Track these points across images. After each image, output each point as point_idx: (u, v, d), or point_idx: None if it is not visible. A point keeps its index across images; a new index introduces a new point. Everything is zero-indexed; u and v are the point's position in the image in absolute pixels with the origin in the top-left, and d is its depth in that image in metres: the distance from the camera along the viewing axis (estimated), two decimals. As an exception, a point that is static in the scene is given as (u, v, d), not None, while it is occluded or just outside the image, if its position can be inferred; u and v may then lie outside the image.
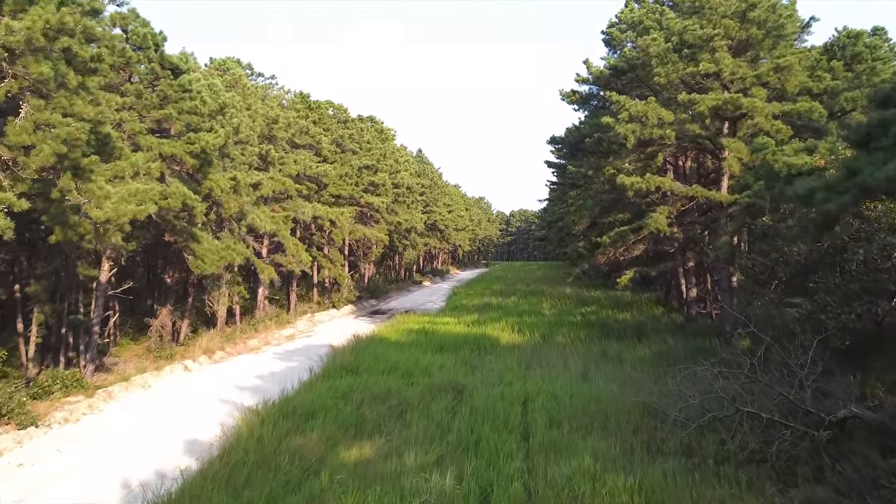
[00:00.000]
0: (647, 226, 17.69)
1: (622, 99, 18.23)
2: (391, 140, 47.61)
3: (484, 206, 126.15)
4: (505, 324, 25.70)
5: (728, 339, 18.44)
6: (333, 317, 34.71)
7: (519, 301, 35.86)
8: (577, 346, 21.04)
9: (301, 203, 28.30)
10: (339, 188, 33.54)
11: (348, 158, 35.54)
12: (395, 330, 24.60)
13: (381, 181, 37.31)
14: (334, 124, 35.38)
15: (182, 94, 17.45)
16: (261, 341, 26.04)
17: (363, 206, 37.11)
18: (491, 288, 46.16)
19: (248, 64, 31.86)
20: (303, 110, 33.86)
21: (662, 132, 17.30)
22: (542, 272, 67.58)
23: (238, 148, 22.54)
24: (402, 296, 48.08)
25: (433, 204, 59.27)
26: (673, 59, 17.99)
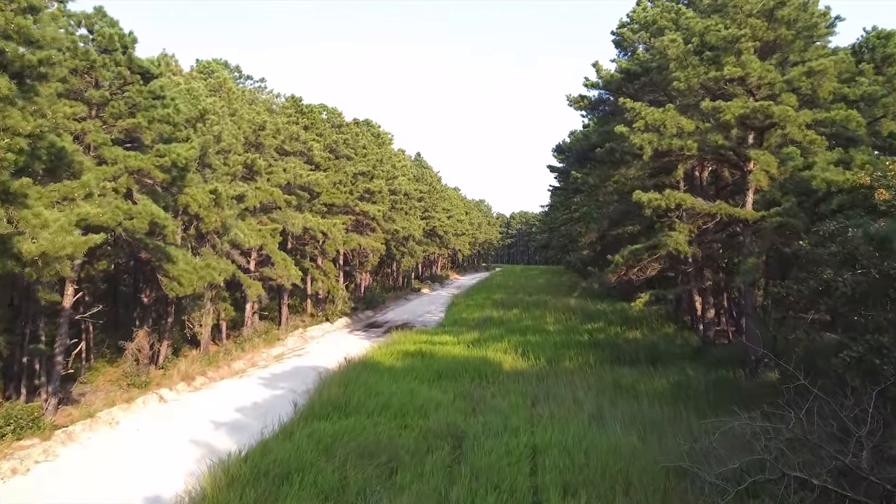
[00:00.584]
0: (665, 245, 16.04)
1: (637, 106, 16.58)
2: (388, 144, 45.97)
3: (484, 208, 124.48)
4: (507, 344, 24.04)
5: (753, 369, 16.82)
6: (326, 331, 33.06)
7: (521, 314, 34.20)
8: (586, 374, 19.39)
9: (291, 214, 26.65)
10: (332, 197, 31.90)
11: (342, 165, 33.90)
12: (389, 352, 22.94)
13: (377, 188, 35.66)
14: (328, 129, 33.73)
15: (153, 102, 15.80)
16: (247, 363, 24.38)
17: (358, 214, 35.45)
18: (492, 298, 44.50)
19: (235, 66, 30.26)
20: (294, 115, 32.22)
21: (682, 143, 15.65)
22: (544, 279, 65.92)
23: (220, 157, 20.89)
24: (400, 305, 46.42)
25: (432, 209, 57.61)
26: (693, 62, 16.35)
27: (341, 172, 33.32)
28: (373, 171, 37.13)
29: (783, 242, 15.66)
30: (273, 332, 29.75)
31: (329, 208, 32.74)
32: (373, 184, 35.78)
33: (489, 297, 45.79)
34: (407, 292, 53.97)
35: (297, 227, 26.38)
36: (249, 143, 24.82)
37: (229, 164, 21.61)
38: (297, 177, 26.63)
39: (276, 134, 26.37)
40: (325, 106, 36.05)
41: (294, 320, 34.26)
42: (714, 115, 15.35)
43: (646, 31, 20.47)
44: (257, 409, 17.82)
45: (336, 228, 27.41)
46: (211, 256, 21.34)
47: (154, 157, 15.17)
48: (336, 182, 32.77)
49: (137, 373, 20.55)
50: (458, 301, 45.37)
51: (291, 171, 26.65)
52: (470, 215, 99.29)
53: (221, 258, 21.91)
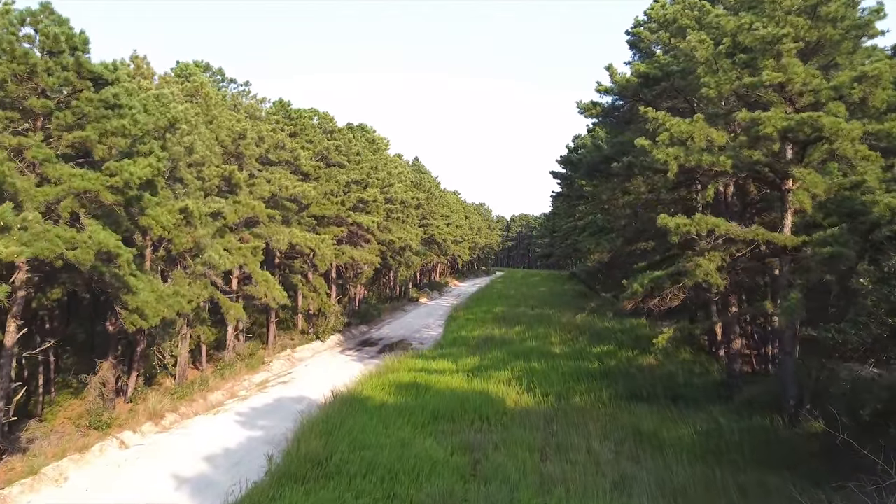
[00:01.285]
0: (693, 276, 13.97)
1: (661, 116, 14.52)
2: (384, 150, 43.89)
3: (484, 212, 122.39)
4: (511, 373, 21.97)
5: (793, 416, 14.74)
6: (317, 351, 30.98)
7: (524, 332, 32.11)
8: (600, 414, 17.32)
9: (276, 229, 24.58)
10: (322, 208, 29.83)
11: (334, 174, 31.83)
12: (380, 384, 20.87)
13: (372, 197, 33.60)
14: (318, 135, 31.66)
15: (105, 112, 13.73)
16: (226, 393, 22.30)
17: (351, 225, 33.38)
18: (492, 312, 42.41)
19: (218, 69, 28.22)
20: (282, 121, 30.15)
21: (713, 159, 13.58)
22: (546, 287, 63.82)
23: (193, 171, 18.83)
24: (397, 318, 44.34)
25: (430, 216, 55.52)
26: (725, 65, 14.29)
27: (332, 182, 31.26)
28: (367, 180, 35.07)
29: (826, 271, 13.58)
30: (259, 353, 27.67)
31: (319, 220, 30.68)
32: (366, 193, 33.71)
33: (490, 310, 43.71)
34: (404, 303, 51.90)
35: (282, 244, 24.32)
36: (229, 154, 22.76)
37: (204, 178, 19.54)
38: (283, 188, 24.57)
39: (260, 142, 24.32)
40: (315, 111, 34.01)
41: (283, 338, 32.20)
42: (751, 128, 13.27)
43: (665, 30, 18.44)
44: (229, 457, 15.75)
45: (325, 244, 25.34)
46: (182, 280, 19.27)
47: (104, 177, 13.10)
48: (327, 192, 30.71)
49: (100, 410, 18.47)
50: (457, 314, 43.28)
51: (276, 182, 24.60)
52: (470, 220, 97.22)
53: (196, 281, 19.84)
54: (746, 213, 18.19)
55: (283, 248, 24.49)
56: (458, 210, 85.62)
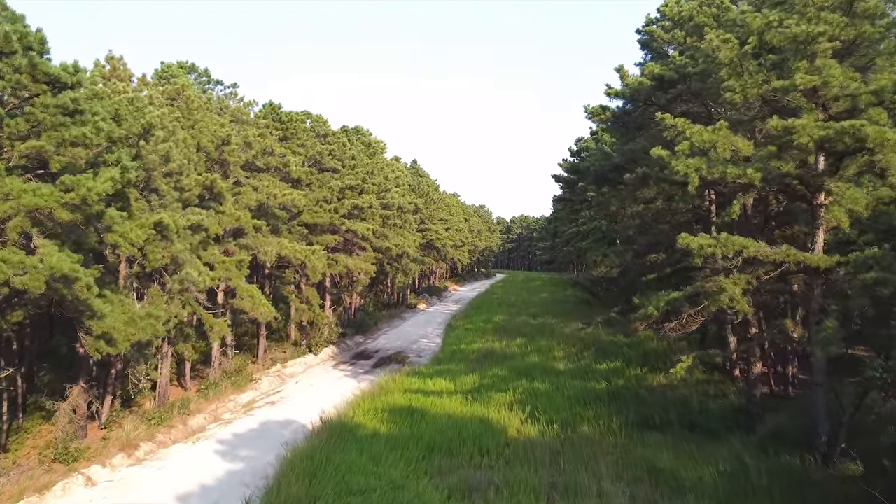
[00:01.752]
0: (716, 301, 12.57)
1: (680, 123, 13.12)
2: (381, 153, 42.48)
3: (484, 214, 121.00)
4: (512, 395, 20.59)
5: (826, 457, 13.34)
6: (309, 366, 29.58)
7: (526, 346, 30.71)
8: (610, 445, 15.94)
9: (263, 240, 23.18)
10: (314, 216, 28.43)
11: (327, 180, 30.44)
12: (373, 408, 19.48)
13: (367, 204, 32.19)
14: (310, 139, 30.26)
15: (63, 119, 12.33)
16: (209, 416, 20.89)
17: (345, 233, 31.99)
18: (493, 321, 41.00)
19: (204, 70, 26.81)
20: (272, 124, 28.75)
21: (740, 171, 12.18)
22: (547, 292, 62.39)
23: (169, 180, 17.43)
24: (394, 327, 42.92)
25: (429, 221, 54.11)
26: (751, 67, 12.88)
27: (326, 188, 29.86)
28: (362, 185, 33.65)
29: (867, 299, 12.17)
30: (247, 370, 26.26)
31: (312, 229, 29.29)
32: (361, 199, 32.30)
33: (490, 319, 42.29)
34: (402, 310, 50.47)
35: (270, 256, 22.92)
36: (212, 161, 21.36)
37: (182, 188, 18.15)
38: (272, 197, 23.18)
39: (246, 148, 22.91)
40: (308, 113, 32.61)
41: (274, 351, 30.81)
42: (782, 137, 11.87)
43: (680, 28, 17.05)
44: (205, 497, 14.36)
45: (316, 256, 23.93)
46: (159, 298, 17.87)
47: (58, 192, 11.69)
48: (319, 199, 29.30)
49: (69, 440, 17.07)
50: (456, 324, 41.84)
51: (264, 190, 23.20)
52: (469, 222, 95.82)
53: (174, 299, 18.44)
54: (767, 226, 16.78)
55: (272, 260, 23.10)
56: (458, 213, 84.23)
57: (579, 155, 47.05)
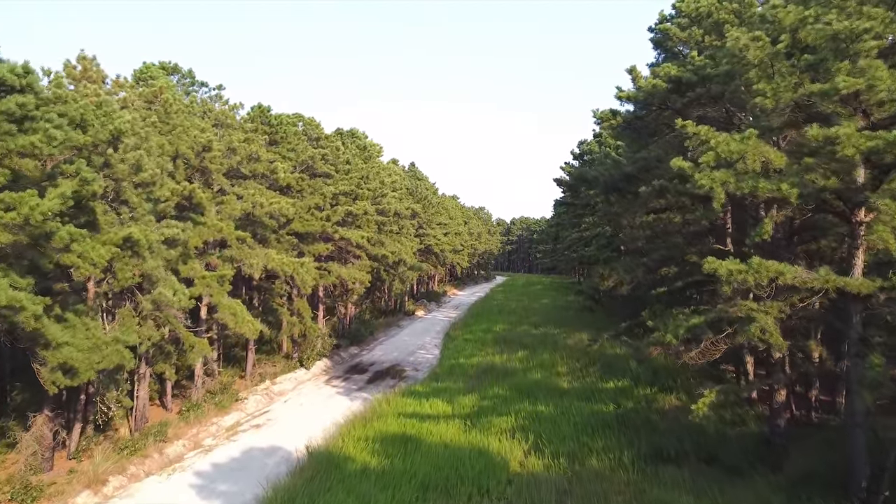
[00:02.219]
0: (748, 332, 11.14)
1: (703, 131, 11.71)
2: (377, 157, 41.02)
3: (484, 216, 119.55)
4: (514, 421, 19.15)
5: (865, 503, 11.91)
6: (300, 381, 28.14)
7: (528, 360, 29.27)
8: (621, 483, 14.52)
9: (249, 251, 21.75)
10: (305, 224, 26.99)
11: (319, 186, 29.00)
12: (364, 436, 18.04)
13: (361, 210, 30.77)
14: (302, 144, 28.83)
15: (7, 127, 10.91)
16: (188, 443, 19.46)
17: (339, 241, 30.56)
18: (493, 331, 39.55)
19: (188, 71, 25.38)
20: (261, 128, 27.32)
21: (774, 186, 10.76)
22: (548, 298, 60.96)
23: (141, 192, 16.00)
24: (391, 336, 41.49)
25: (427, 226, 52.67)
26: (783, 68, 11.46)
27: (318, 195, 28.42)
28: (356, 191, 32.23)
29: None
30: (233, 388, 24.82)
31: (302, 237, 27.85)
32: (356, 206, 30.87)
33: (490, 328, 40.84)
34: (399, 318, 49.04)
35: (256, 269, 21.49)
36: (193, 169, 19.93)
37: (156, 199, 16.72)
38: (258, 206, 21.74)
39: (231, 154, 21.47)
40: (300, 116, 31.17)
41: (264, 365, 29.37)
42: (824, 148, 10.45)
43: (698, 26, 15.64)
44: (174, 545, 12.96)
45: (305, 268, 22.49)
46: (131, 320, 16.44)
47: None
48: (311, 206, 27.87)
49: (32, 473, 15.65)
50: (455, 333, 40.40)
51: (249, 198, 21.77)
52: (469, 225, 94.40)
53: (147, 320, 17.01)
54: (791, 242, 15.35)
55: (258, 273, 21.66)
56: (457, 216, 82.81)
57: (582, 158, 45.64)
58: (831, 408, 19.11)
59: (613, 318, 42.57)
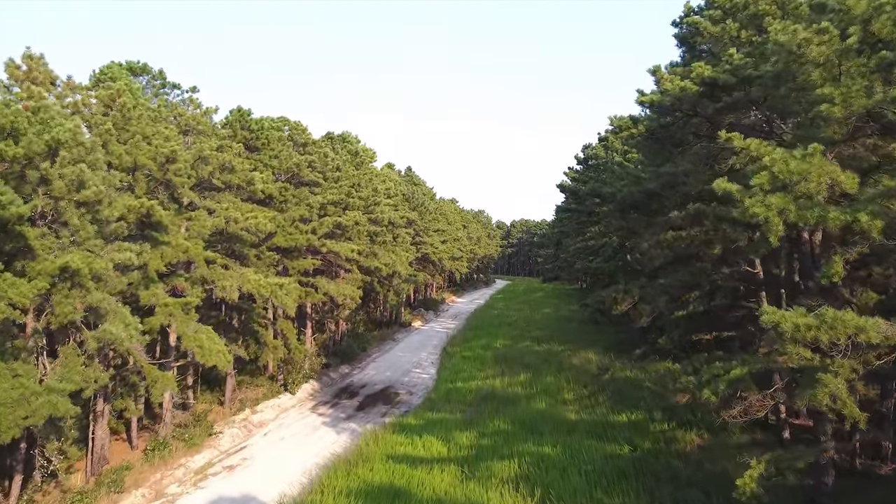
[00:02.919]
0: (814, 397, 8.92)
1: (754, 146, 9.49)
2: (370, 163, 38.76)
3: (483, 219, 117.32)
4: (518, 466, 16.92)
5: None
6: (283, 409, 25.90)
7: (531, 384, 27.05)
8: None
9: (222, 272, 19.53)
10: (289, 238, 24.78)
11: (305, 196, 26.77)
12: (347, 491, 15.78)
13: (352, 221, 28.56)
14: (286, 150, 26.61)
15: None
16: (149, 493, 17.21)
17: (327, 254, 28.36)
18: (493, 347, 37.34)
19: (158, 72, 23.15)
20: (240, 133, 25.13)
21: (848, 216, 8.54)
22: (550, 307, 58.76)
23: (84, 212, 13.78)
24: (385, 352, 39.25)
25: (424, 234, 50.44)
26: (854, 68, 9.25)
27: (303, 205, 26.20)
28: (347, 200, 30.03)
29: None
30: (208, 418, 22.58)
31: (286, 252, 25.65)
32: (346, 216, 28.66)
33: (489, 344, 38.62)
34: (395, 330, 46.81)
35: (230, 292, 19.27)
36: (156, 182, 17.71)
37: (104, 220, 14.49)
38: (231, 221, 19.52)
39: (201, 164, 19.27)
40: (286, 120, 28.98)
41: (246, 390, 27.18)
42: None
43: (732, 18, 13.44)
44: None
45: (285, 290, 20.25)
46: (75, 360, 14.20)
47: None
48: (296, 219, 25.65)
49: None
50: (453, 349, 38.12)
51: (222, 213, 19.55)
52: (468, 229, 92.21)
53: (94, 359, 14.79)
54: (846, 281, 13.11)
55: (232, 297, 19.43)
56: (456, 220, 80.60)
57: (587, 163, 43.43)
58: (877, 452, 16.90)
59: (621, 332, 40.39)
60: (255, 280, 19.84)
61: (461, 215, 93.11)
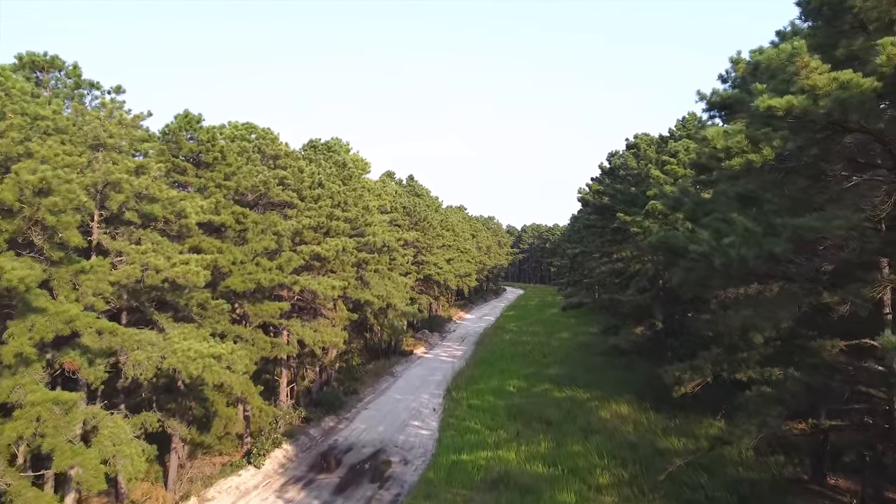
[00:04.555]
0: None
1: None
2: (362, 175, 33.28)
3: (493, 226, 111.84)
4: None
5: None
6: (244, 491, 20.57)
7: (554, 460, 21.57)
8: None
9: (137, 338, 14.19)
10: (247, 279, 19.46)
11: (274, 222, 21.41)
12: None
13: (333, 251, 23.23)
14: (247, 165, 21.30)
15: None
16: None
17: (301, 293, 23.05)
18: (505, 391, 31.87)
19: (72, 67, 17.88)
20: (188, 146, 19.85)
21: None
22: (568, 330, 53.11)
23: None
24: (379, 393, 33.84)
25: (427, 252, 44.98)
26: None
27: (269, 234, 20.86)
28: (329, 224, 24.72)
29: None
30: (138, 517, 17.34)
31: (244, 297, 20.34)
32: (326, 245, 23.33)
33: (501, 385, 33.10)
34: (394, 361, 41.35)
35: (145, 370, 13.94)
36: (27, 221, 12.41)
37: None
38: (150, 271, 14.19)
39: (110, 192, 13.95)
40: (252, 127, 23.69)
41: (203, 459, 22.00)
42: None
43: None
44: None
45: (227, 362, 14.82)
46: None
47: None
48: (258, 252, 20.31)
49: None
50: (458, 394, 32.51)
51: (138, 259, 14.22)
52: (477, 238, 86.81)
53: None
54: None
55: (147, 375, 14.10)
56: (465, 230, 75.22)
57: (613, 174, 37.85)
58: None
59: (655, 366, 34.75)
60: (183, 351, 14.44)
61: (470, 224, 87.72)
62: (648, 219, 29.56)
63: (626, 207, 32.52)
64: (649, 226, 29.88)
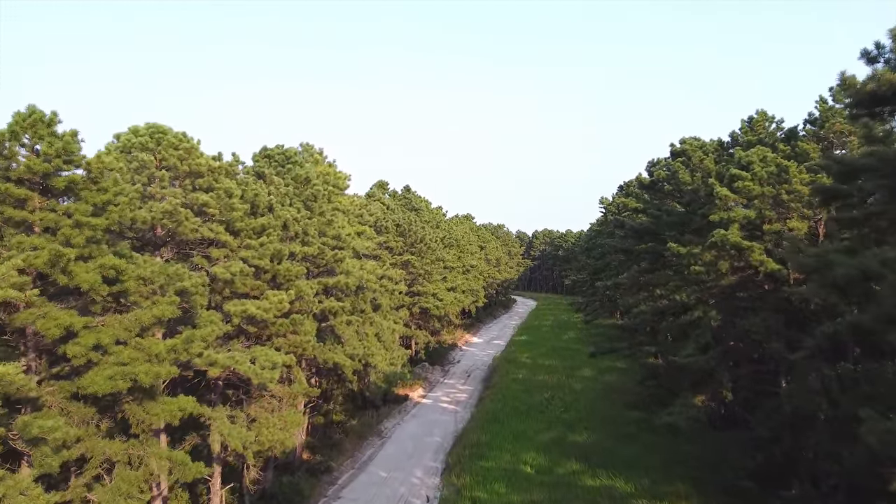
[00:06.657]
0: None
1: None
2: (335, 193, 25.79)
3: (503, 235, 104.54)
4: None
5: None
6: None
7: None
8: None
9: None
10: (112, 377, 12.29)
11: (175, 273, 14.22)
12: None
13: (272, 312, 16.05)
14: (134, 192, 14.13)
15: None
16: None
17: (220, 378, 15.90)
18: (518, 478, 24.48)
19: None
20: (33, 165, 12.74)
21: None
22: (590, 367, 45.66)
23: None
24: (360, 468, 26.57)
25: (425, 279, 37.66)
26: None
27: (167, 299, 13.71)
28: (276, 269, 17.60)
29: None
30: None
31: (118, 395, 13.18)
32: (265, 300, 16.19)
33: (514, 466, 25.66)
34: (383, 414, 34.06)
35: None
36: None
37: None
38: None
39: None
40: (159, 128, 16.58)
41: None
42: None
43: None
44: None
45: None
46: None
47: None
48: (145, 325, 13.14)
49: None
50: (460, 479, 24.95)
51: None
52: (485, 249, 79.57)
53: None
54: None
55: None
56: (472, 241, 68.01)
57: (655, 188, 30.41)
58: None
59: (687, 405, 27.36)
60: None
61: (477, 234, 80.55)
62: (711, 251, 22.55)
63: (675, 234, 25.26)
64: (711, 259, 22.80)
